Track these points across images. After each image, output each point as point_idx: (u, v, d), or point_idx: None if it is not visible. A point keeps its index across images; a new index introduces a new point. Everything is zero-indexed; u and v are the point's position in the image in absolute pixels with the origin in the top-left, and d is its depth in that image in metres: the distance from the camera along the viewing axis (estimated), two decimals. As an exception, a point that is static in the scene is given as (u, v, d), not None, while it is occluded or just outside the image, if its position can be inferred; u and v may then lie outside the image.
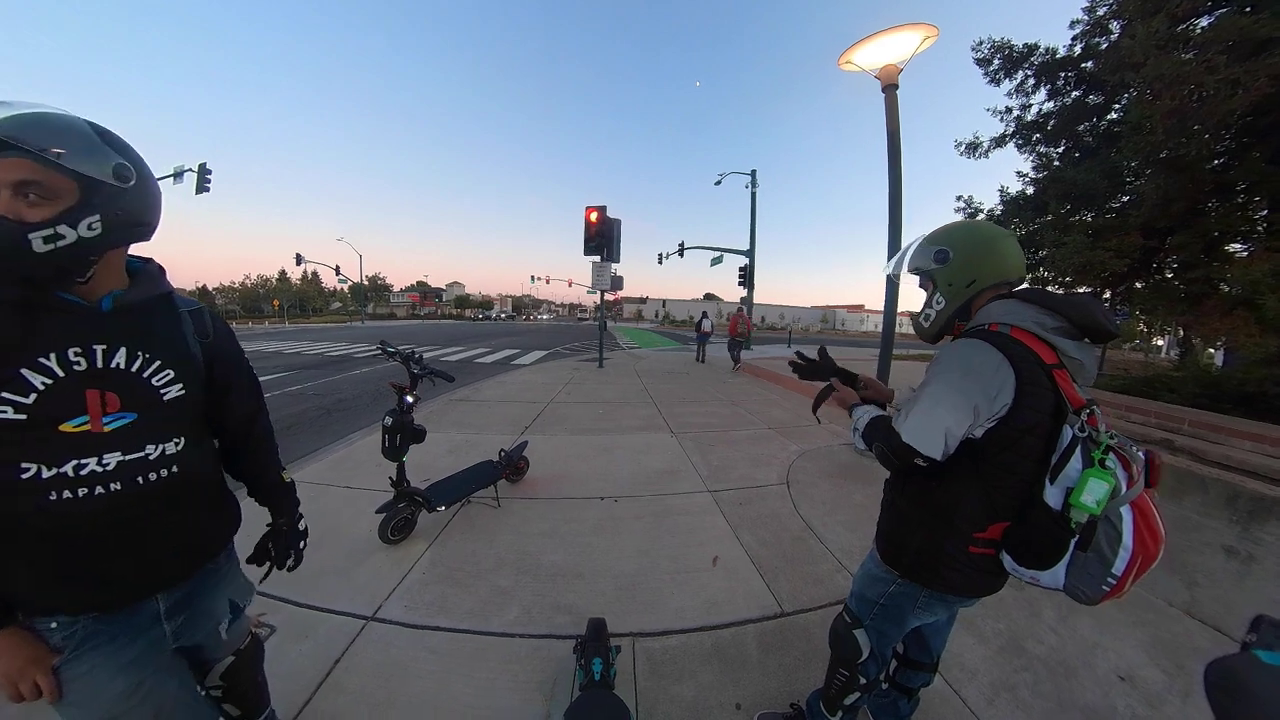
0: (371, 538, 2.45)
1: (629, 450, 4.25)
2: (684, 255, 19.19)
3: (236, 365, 1.05)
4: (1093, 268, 5.50)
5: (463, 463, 3.22)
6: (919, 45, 3.47)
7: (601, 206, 8.90)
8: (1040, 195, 6.49)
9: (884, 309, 4.15)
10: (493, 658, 1.75)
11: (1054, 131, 6.78)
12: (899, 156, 3.84)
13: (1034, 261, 6.56)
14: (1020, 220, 6.93)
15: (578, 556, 2.41)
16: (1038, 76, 6.73)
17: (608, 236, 9.07)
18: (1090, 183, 5.54)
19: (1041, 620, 2.02)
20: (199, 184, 16.67)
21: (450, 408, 5.88)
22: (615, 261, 9.55)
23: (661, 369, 10.39)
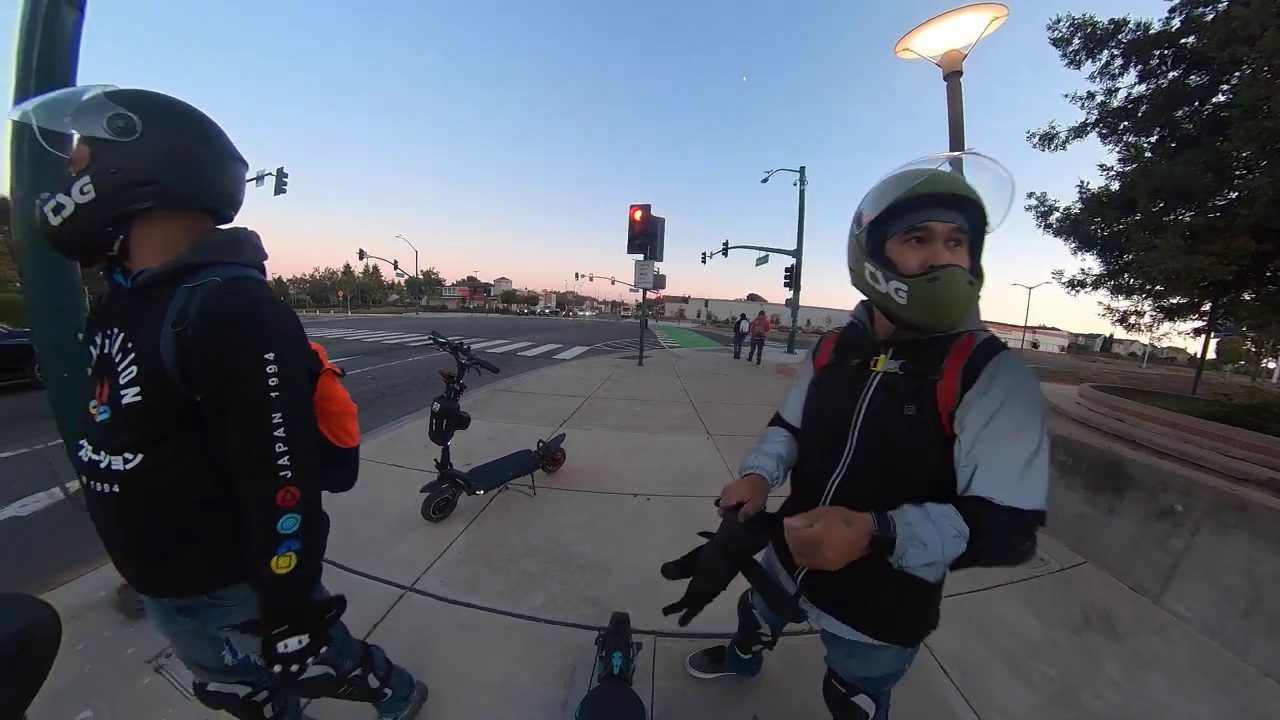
0: (414, 515, 2.59)
1: (664, 449, 4.25)
2: (728, 254, 18.90)
3: (221, 380, 0.72)
4: (1190, 275, 4.86)
5: (503, 450, 3.33)
6: (986, 28, 3.20)
7: (646, 205, 8.93)
8: (1127, 191, 5.73)
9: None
10: (518, 639, 1.81)
11: (1146, 118, 5.93)
12: (962, 147, 3.58)
13: (1117, 267, 5.91)
14: (1103, 220, 6.20)
15: (607, 550, 2.44)
16: (1127, 56, 5.90)
17: (651, 235, 9.09)
18: (1189, 176, 4.85)
19: (1102, 671, 1.80)
20: (277, 186, 18.25)
21: (494, 397, 6.11)
22: (658, 260, 9.56)
23: (701, 369, 10.31)
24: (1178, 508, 2.21)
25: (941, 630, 0.96)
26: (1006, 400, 0.73)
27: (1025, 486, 0.71)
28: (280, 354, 0.75)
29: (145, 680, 1.60)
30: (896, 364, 0.85)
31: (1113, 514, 2.50)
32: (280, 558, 0.77)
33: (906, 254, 0.79)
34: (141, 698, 1.53)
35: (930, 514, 0.70)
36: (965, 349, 0.80)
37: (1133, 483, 2.44)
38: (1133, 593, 2.26)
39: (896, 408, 0.82)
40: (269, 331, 0.75)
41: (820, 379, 1.01)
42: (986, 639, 1.89)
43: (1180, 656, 1.87)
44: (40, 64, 1.58)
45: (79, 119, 0.71)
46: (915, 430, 0.79)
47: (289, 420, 0.76)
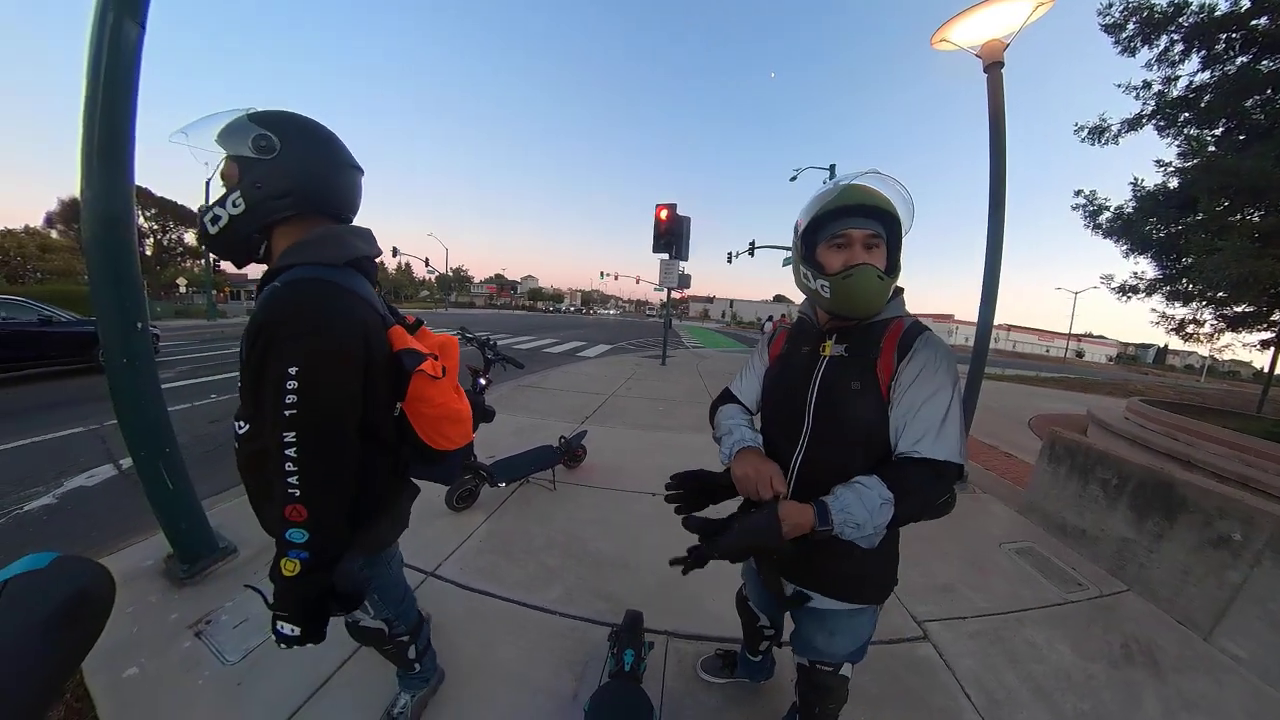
0: (438, 503, 2.66)
1: (685, 449, 4.23)
2: (755, 255, 18.66)
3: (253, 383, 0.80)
4: (1258, 280, 4.47)
5: (526, 444, 3.39)
6: (1030, 15, 3.03)
7: (671, 204, 8.91)
8: (1187, 189, 5.30)
9: (978, 319, 3.73)
10: (533, 630, 1.84)
11: (1210, 109, 5.40)
12: (1003, 143, 3.39)
13: (1174, 271, 5.49)
14: (1159, 220, 5.76)
15: (624, 548, 2.45)
16: (1188, 41, 5.39)
17: (677, 234, 9.06)
18: (1259, 171, 4.45)
19: (1141, 709, 1.65)
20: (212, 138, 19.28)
21: (518, 392, 6.22)
22: (683, 260, 9.52)
23: (724, 370, 10.22)
24: (1236, 536, 2.04)
25: (964, 649, 0.95)
26: (924, 369, 0.89)
27: (941, 441, 0.85)
28: (305, 368, 0.76)
29: (186, 644, 1.72)
30: (841, 348, 0.98)
31: (1160, 539, 2.33)
32: (288, 561, 0.83)
33: (830, 256, 0.94)
34: (182, 660, 1.65)
35: (861, 493, 0.83)
36: (897, 331, 0.95)
37: (1185, 507, 2.26)
38: (1179, 626, 2.10)
39: (844, 385, 0.95)
40: (301, 344, 0.76)
41: (775, 368, 1.14)
42: (1015, 664, 1.80)
43: (1230, 700, 1.72)
44: (107, 77, 1.71)
45: (228, 140, 0.82)
46: (862, 402, 0.93)
47: (302, 440, 0.77)
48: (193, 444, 4.25)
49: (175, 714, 1.45)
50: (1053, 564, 2.58)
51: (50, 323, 7.54)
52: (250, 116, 0.83)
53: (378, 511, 1.01)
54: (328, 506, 0.83)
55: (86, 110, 1.72)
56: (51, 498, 3.28)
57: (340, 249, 0.87)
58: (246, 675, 1.59)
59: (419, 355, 0.92)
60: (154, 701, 1.49)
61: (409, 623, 1.27)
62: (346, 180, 0.92)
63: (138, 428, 2.01)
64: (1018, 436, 6.08)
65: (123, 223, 1.85)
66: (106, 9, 1.68)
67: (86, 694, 1.49)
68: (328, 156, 0.88)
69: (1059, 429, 3.26)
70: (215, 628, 1.80)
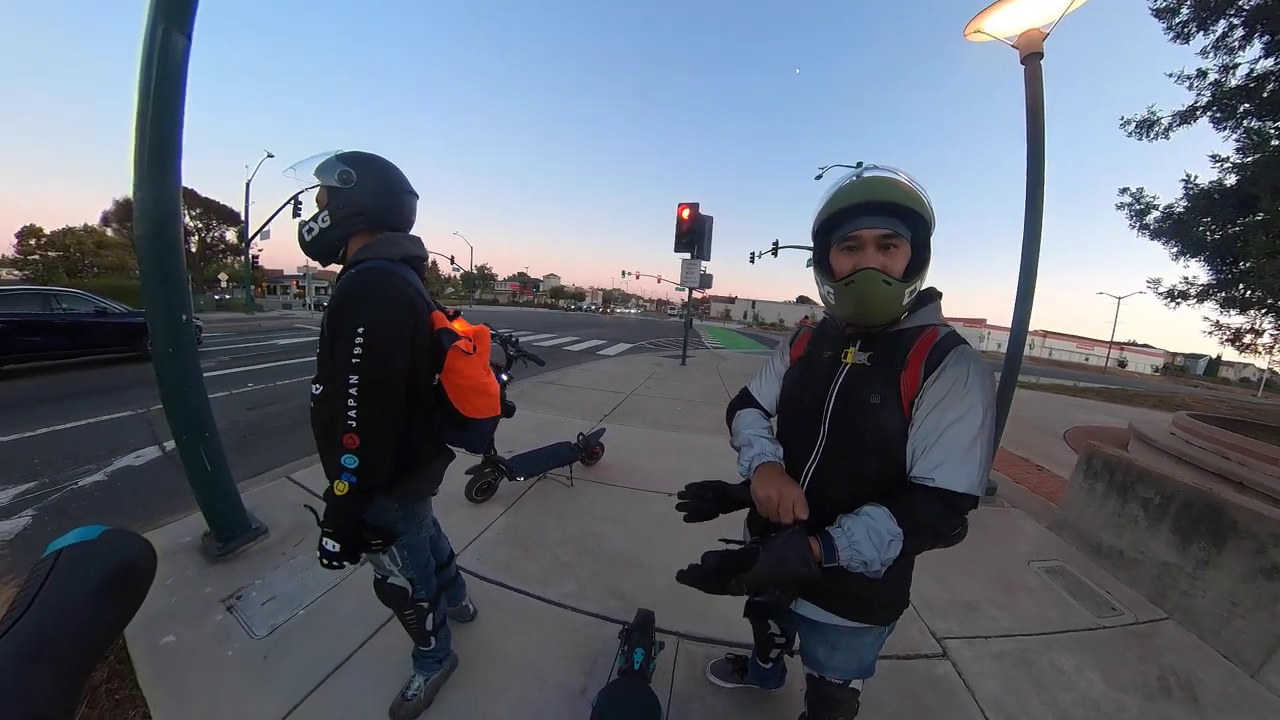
0: (458, 494, 2.72)
1: (703, 451, 4.21)
2: (778, 255, 18.42)
3: (331, 341, 1.02)
4: None
5: (544, 440, 3.44)
6: (1071, 3, 2.88)
7: (694, 203, 8.86)
8: (1247, 186, 4.88)
9: (1012, 324, 3.59)
10: (545, 623, 1.87)
11: (1273, 99, 4.92)
12: (1042, 138, 3.21)
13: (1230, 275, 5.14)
14: (1214, 220, 5.34)
15: (638, 546, 2.46)
16: (1250, 24, 4.91)
17: (699, 233, 9.02)
18: None
19: None
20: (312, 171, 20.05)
21: (539, 389, 6.31)
22: (705, 259, 9.47)
23: (744, 370, 10.12)
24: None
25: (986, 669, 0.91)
26: (953, 388, 0.81)
27: (960, 470, 0.78)
28: (369, 329, 0.99)
29: (218, 617, 1.83)
30: (865, 356, 0.91)
31: (1206, 566, 2.18)
32: (339, 482, 1.02)
33: (840, 260, 0.88)
34: (214, 632, 1.75)
35: (869, 528, 0.78)
36: (928, 342, 0.86)
37: (1235, 531, 2.11)
38: (1224, 660, 1.96)
39: (863, 397, 0.88)
40: (365, 312, 1.00)
41: (795, 371, 1.08)
42: (1040, 689, 1.71)
43: (1280, 739, 1.62)
44: (157, 85, 1.83)
45: (320, 174, 1.11)
46: (880, 417, 0.86)
47: (363, 382, 0.99)
48: (230, 430, 4.46)
49: (206, 682, 1.54)
50: (1085, 586, 2.45)
51: (104, 314, 8.08)
52: (337, 156, 1.11)
53: (414, 468, 1.22)
54: (375, 439, 1.02)
55: (138, 116, 1.84)
56: (102, 475, 3.51)
57: (397, 249, 1.12)
58: (272, 650, 1.68)
59: (454, 334, 1.15)
60: (188, 668, 1.59)
61: (429, 590, 1.38)
62: (404, 203, 1.19)
63: (180, 413, 2.13)
64: (1051, 449, 5.83)
65: (170, 222, 1.97)
66: (156, 21, 1.79)
67: (128, 657, 1.60)
68: (390, 186, 1.16)
69: (1097, 442, 3.10)
70: (245, 603, 1.90)
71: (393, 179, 1.16)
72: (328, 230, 1.11)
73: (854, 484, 0.87)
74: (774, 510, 0.88)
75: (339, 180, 1.09)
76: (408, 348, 1.06)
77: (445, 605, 1.50)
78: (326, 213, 1.10)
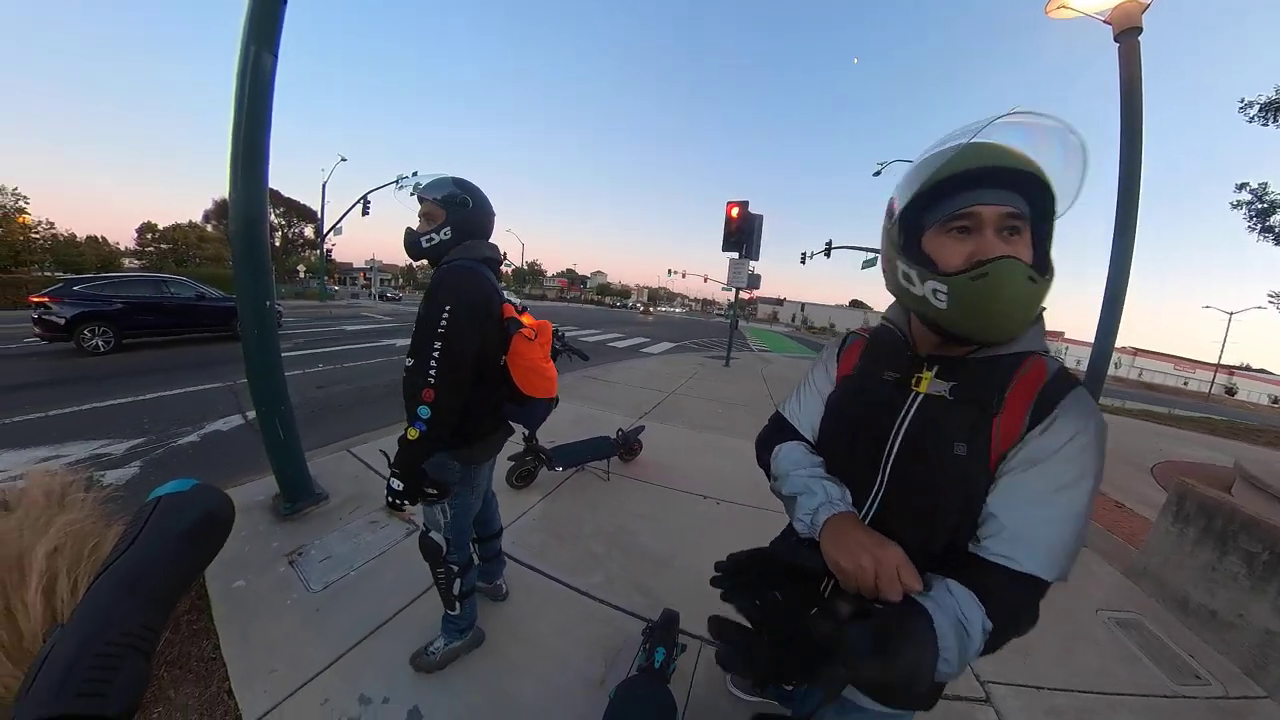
0: (499, 480, 2.83)
1: (741, 455, 4.13)
2: (830, 256, 17.66)
3: (422, 317, 1.25)
4: None
5: (584, 433, 3.51)
6: None
7: (743, 201, 8.69)
8: None
9: (1095, 338, 3.23)
10: (572, 611, 1.91)
11: None
12: (1138, 125, 2.82)
13: None
14: None
15: (669, 546, 2.46)
16: None
17: (748, 232, 8.84)
18: None
19: None
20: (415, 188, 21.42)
21: (582, 383, 6.43)
22: (754, 259, 9.27)
23: (790, 376, 9.83)
24: None
25: None
26: (1066, 447, 0.61)
27: (1057, 552, 0.60)
28: (453, 310, 1.21)
29: (280, 569, 2.05)
30: (945, 386, 0.69)
31: None
32: (411, 429, 1.21)
33: (948, 247, 0.64)
34: (277, 582, 1.97)
35: (962, 629, 0.56)
36: (1036, 379, 0.65)
37: None
38: None
39: (944, 445, 0.66)
40: (450, 297, 1.22)
41: (843, 391, 0.83)
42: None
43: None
44: (251, 98, 2.08)
45: (444, 195, 1.33)
46: (966, 474, 0.65)
47: (443, 349, 1.20)
48: (301, 405, 4.87)
49: (267, 624, 1.74)
50: (1164, 645, 2.12)
51: (203, 299, 9.22)
52: (454, 182, 1.35)
53: (475, 436, 1.41)
54: (446, 397, 1.21)
55: (233, 126, 2.09)
56: (196, 436, 3.98)
57: (479, 253, 1.36)
58: (324, 604, 1.85)
59: (520, 323, 1.39)
60: (253, 611, 1.79)
61: (461, 557, 1.51)
62: (490, 220, 1.44)
63: (261, 387, 2.38)
64: (1134, 483, 5.24)
65: (259, 220, 2.21)
66: (249, 43, 2.04)
67: (206, 595, 1.84)
68: (486, 209, 1.40)
69: (1191, 481, 2.71)
70: (305, 559, 2.11)
71: (487, 203, 1.41)
72: (447, 241, 1.33)
73: (917, 548, 0.64)
74: (869, 582, 0.61)
75: (458, 203, 1.33)
76: (480, 329, 1.28)
77: (474, 578, 1.61)
78: (449, 228, 1.32)
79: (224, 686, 1.49)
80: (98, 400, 4.93)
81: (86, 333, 7.60)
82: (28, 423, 4.17)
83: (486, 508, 1.79)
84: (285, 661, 1.58)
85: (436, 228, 1.33)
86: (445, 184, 1.34)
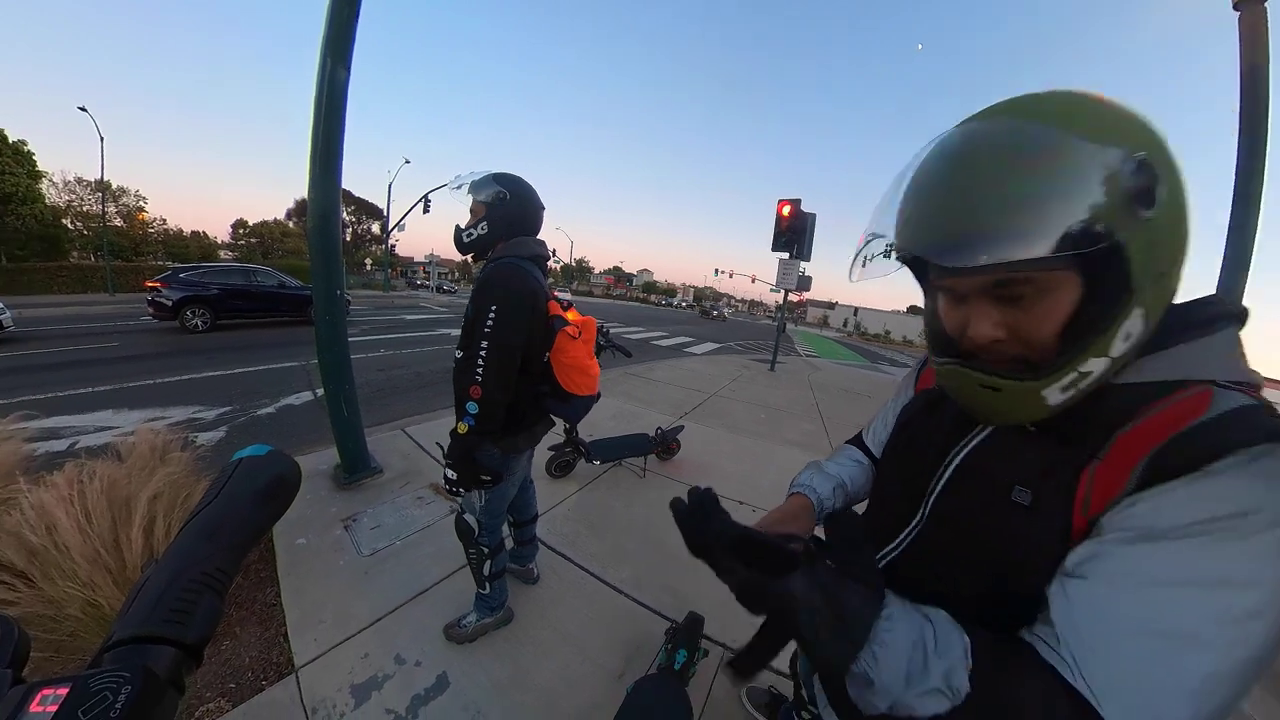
0: (538, 469, 2.92)
1: (782, 464, 4.02)
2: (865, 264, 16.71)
3: (471, 316, 1.30)
4: None
5: (624, 429, 3.56)
6: None
7: (796, 199, 8.39)
8: None
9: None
10: (598, 602, 1.94)
11: None
12: (1264, 107, 2.40)
13: None
14: None
15: (702, 546, 2.44)
16: None
17: (799, 232, 8.54)
18: None
19: None
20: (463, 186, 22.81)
21: (624, 379, 6.49)
22: (805, 260, 8.94)
23: (839, 384, 9.41)
24: None
25: None
26: (1221, 521, 0.34)
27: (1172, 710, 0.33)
28: (500, 308, 1.24)
29: (337, 532, 2.25)
30: None
31: None
32: (460, 424, 1.28)
33: (949, 312, 0.48)
34: (332, 544, 2.17)
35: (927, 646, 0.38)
36: (1177, 418, 0.40)
37: None
38: None
39: (1000, 486, 0.48)
40: (497, 295, 1.25)
41: (914, 411, 0.70)
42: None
43: None
44: (327, 108, 2.30)
45: (481, 191, 1.35)
46: (1023, 528, 0.45)
47: (490, 347, 1.24)
48: (363, 386, 5.25)
49: (321, 580, 1.93)
50: None
51: (284, 287, 10.34)
52: (494, 177, 1.36)
53: (519, 428, 1.46)
54: (492, 394, 1.26)
55: (312, 132, 2.31)
56: (272, 408, 4.44)
57: (526, 250, 1.38)
58: (371, 568, 2.02)
59: (565, 320, 1.42)
60: (310, 567, 1.99)
61: (491, 540, 1.57)
62: (537, 215, 1.43)
63: (330, 367, 2.61)
64: None
65: (333, 217, 2.45)
66: (326, 58, 2.27)
67: (272, 547, 2.08)
68: (530, 203, 1.40)
69: None
70: (358, 526, 2.30)
71: (531, 197, 1.41)
72: (485, 236, 1.36)
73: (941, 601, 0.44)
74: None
75: (496, 199, 1.34)
76: (526, 326, 1.31)
77: (504, 560, 1.68)
78: (486, 223, 1.35)
79: (280, 631, 1.66)
80: (195, 372, 5.58)
81: (189, 314, 8.71)
82: (141, 388, 4.82)
83: (524, 494, 1.86)
84: (333, 615, 1.73)
85: (476, 222, 1.36)
86: (486, 180, 1.37)
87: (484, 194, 1.35)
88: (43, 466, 1.94)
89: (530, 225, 1.41)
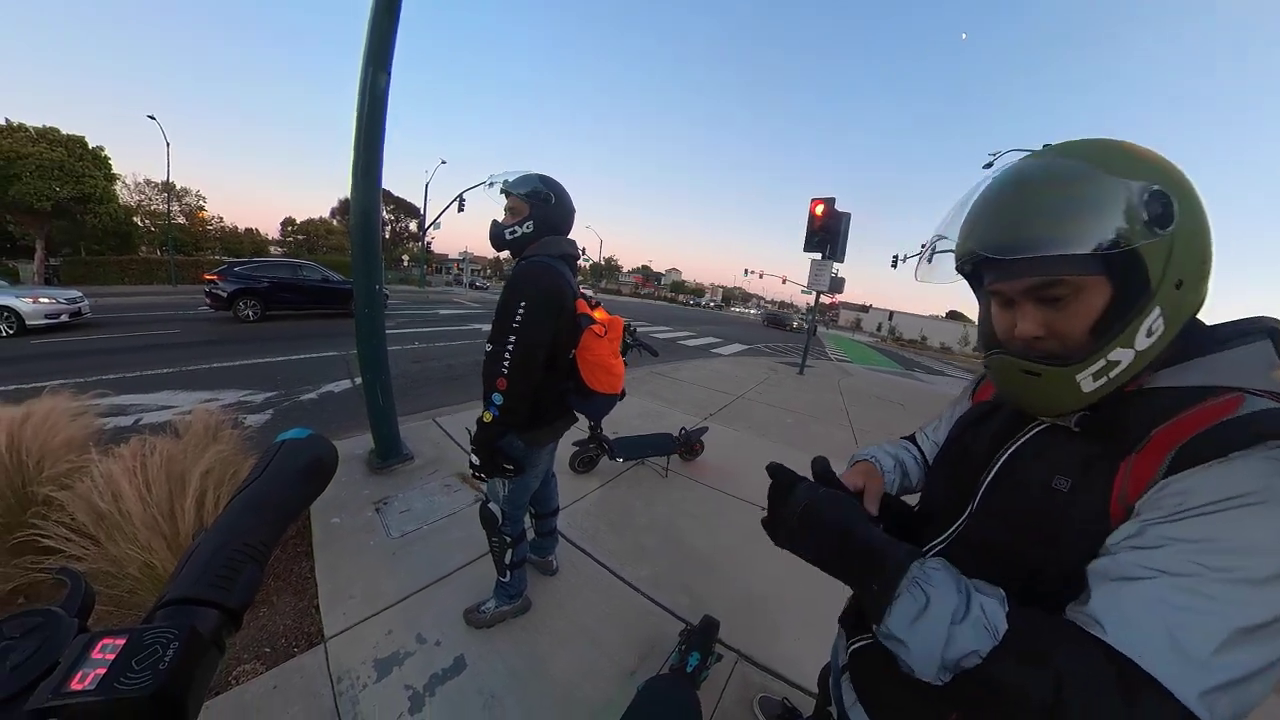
0: (562, 463, 2.94)
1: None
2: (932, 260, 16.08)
3: (500, 310, 1.31)
4: None
5: (648, 428, 3.57)
6: None
7: (829, 198, 8.15)
8: None
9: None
10: (615, 598, 1.96)
11: None
12: None
13: None
14: None
15: (719, 552, 2.40)
16: None
17: (833, 232, 8.30)
18: None
19: None
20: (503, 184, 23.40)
21: (650, 378, 6.50)
22: (838, 261, 8.69)
23: (871, 391, 9.09)
24: None
25: None
26: (1235, 499, 0.40)
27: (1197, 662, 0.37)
28: (529, 305, 1.27)
29: (367, 514, 2.37)
30: (1073, 417, 0.55)
31: None
32: (486, 412, 1.33)
33: (998, 316, 0.58)
34: (364, 524, 2.29)
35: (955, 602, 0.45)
36: (1208, 416, 0.45)
37: None
38: None
39: (1042, 476, 0.54)
40: (527, 292, 1.28)
41: (968, 421, 0.76)
42: None
43: None
44: (369, 112, 2.40)
45: (528, 191, 1.37)
46: (1062, 509, 0.50)
47: (518, 342, 1.27)
48: (398, 376, 5.47)
49: (352, 558, 2.03)
50: None
51: (327, 281, 10.95)
52: (539, 179, 1.40)
53: (542, 421, 1.49)
54: (517, 386, 1.29)
55: (355, 135, 2.42)
56: (314, 395, 4.71)
57: (558, 249, 1.41)
58: (399, 549, 2.11)
59: (591, 319, 1.45)
60: (343, 545, 2.11)
61: (513, 530, 1.61)
62: (570, 217, 1.47)
63: (367, 358, 2.73)
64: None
65: (373, 215, 2.56)
66: (368, 64, 2.36)
67: (309, 524, 2.20)
68: (566, 205, 1.43)
69: None
70: (388, 509, 2.41)
71: (568, 200, 1.45)
72: (529, 235, 1.39)
73: None
74: None
75: (542, 199, 1.38)
76: (553, 323, 1.34)
77: (525, 550, 1.72)
78: (531, 222, 1.38)
79: (313, 602, 1.77)
80: (245, 359, 5.96)
81: (241, 305, 9.33)
82: (198, 371, 5.20)
83: (546, 486, 1.90)
84: (362, 592, 1.82)
85: (520, 221, 1.38)
86: (531, 180, 1.39)
87: (529, 194, 1.38)
88: (111, 440, 2.10)
89: (566, 226, 1.46)
